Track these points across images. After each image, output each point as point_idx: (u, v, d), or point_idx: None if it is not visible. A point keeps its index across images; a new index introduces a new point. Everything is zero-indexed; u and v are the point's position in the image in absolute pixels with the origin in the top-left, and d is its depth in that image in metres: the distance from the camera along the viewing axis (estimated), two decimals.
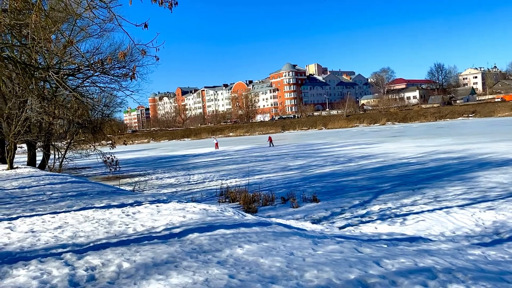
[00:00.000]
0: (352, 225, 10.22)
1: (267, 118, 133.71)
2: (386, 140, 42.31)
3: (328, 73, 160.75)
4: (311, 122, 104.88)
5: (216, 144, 53.27)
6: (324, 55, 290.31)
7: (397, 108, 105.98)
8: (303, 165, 24.79)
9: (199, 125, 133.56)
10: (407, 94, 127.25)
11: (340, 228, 9.78)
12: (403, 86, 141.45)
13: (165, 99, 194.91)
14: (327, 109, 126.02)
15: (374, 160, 24.39)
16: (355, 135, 59.17)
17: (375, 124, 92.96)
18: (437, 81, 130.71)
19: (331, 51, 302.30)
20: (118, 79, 19.93)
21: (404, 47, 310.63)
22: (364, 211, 11.71)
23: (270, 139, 49.51)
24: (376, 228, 9.78)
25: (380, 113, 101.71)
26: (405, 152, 27.95)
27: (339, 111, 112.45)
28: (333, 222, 10.65)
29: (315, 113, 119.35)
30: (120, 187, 16.62)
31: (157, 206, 8.90)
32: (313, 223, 10.22)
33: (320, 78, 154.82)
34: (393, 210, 11.59)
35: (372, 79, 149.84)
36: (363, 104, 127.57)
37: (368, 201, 13.07)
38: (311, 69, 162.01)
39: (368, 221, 10.61)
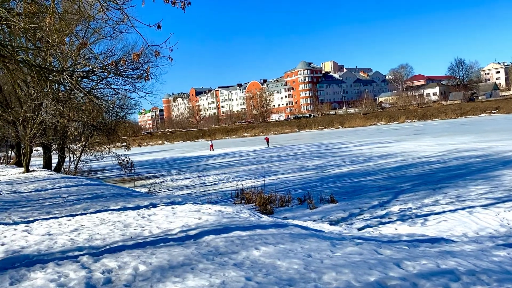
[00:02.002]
0: (371, 226, 10.15)
1: (282, 117, 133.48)
2: (406, 138, 41.85)
3: (345, 70, 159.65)
4: (327, 121, 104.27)
5: (211, 146, 56.09)
6: (340, 52, 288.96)
7: (417, 106, 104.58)
8: (320, 165, 24.69)
9: (214, 125, 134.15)
10: (426, 91, 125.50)
11: (359, 229, 9.71)
12: (422, 82, 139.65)
13: (179, 100, 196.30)
14: (344, 108, 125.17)
15: (393, 159, 24.17)
16: (373, 133, 58.66)
17: (394, 122, 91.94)
18: (458, 77, 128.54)
19: (347, 48, 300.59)
20: (132, 81, 20.20)
21: (423, 42, 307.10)
22: (383, 212, 11.61)
23: (267, 140, 52.49)
24: (396, 229, 9.69)
25: (399, 110, 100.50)
26: (425, 150, 27.59)
27: (356, 110, 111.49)
28: (352, 223, 10.60)
29: (332, 112, 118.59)
30: (135, 189, 16.81)
31: (173, 208, 8.98)
32: (331, 224, 10.18)
33: (336, 75, 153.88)
34: (413, 211, 11.47)
35: (390, 76, 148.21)
36: (381, 101, 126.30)
37: (387, 201, 12.96)
38: (327, 67, 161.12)
39: (388, 222, 10.52)
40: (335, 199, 13.49)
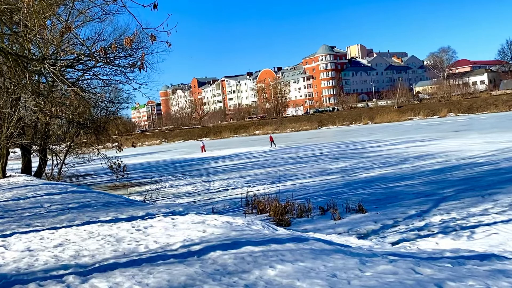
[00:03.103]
0: (407, 240, 10.10)
1: (300, 111, 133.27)
2: (448, 135, 41.49)
3: (374, 55, 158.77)
4: (354, 116, 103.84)
5: (203, 147, 57.40)
6: (369, 33, 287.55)
7: (461, 96, 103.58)
8: (346, 168, 24.62)
9: (220, 122, 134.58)
10: (472, 79, 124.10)
11: (393, 244, 9.67)
12: (467, 69, 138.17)
13: (179, 92, 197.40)
14: (374, 99, 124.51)
15: (433, 161, 24.00)
16: (409, 130, 58.25)
17: (434, 116, 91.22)
18: (511, 62, 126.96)
19: (377, 29, 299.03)
20: (124, 70, 20.29)
21: (468, 21, 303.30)
22: (422, 223, 11.55)
23: (271, 139, 53.68)
24: (437, 243, 9.64)
25: (440, 102, 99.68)
26: (471, 150, 27.32)
27: (388, 102, 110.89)
28: (384, 237, 10.56)
29: (359, 105, 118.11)
30: (129, 197, 16.93)
31: (172, 219, 9.02)
32: (359, 238, 10.14)
33: (364, 61, 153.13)
34: (458, 222, 11.39)
35: (429, 62, 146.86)
36: (418, 92, 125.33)
37: (426, 210, 12.88)
38: (353, 51, 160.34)
39: (428, 235, 10.47)
40: (364, 208, 13.43)
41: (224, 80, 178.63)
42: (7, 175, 21.35)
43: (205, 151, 55.41)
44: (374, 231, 11.25)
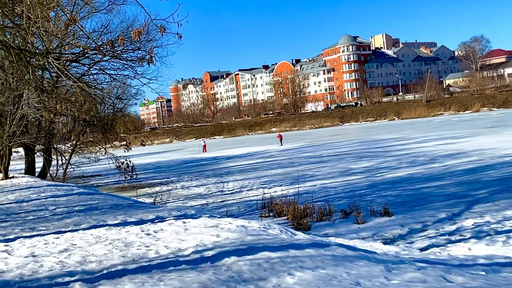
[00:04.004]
0: (437, 246, 10.04)
1: (320, 107, 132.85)
2: (482, 132, 40.99)
3: (401, 45, 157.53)
4: (379, 111, 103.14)
5: (204, 146, 57.56)
6: (395, 22, 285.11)
7: (495, 89, 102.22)
8: (370, 168, 24.52)
9: (234, 118, 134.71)
10: (508, 70, 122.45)
11: (422, 249, 9.62)
12: (502, 59, 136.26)
13: (190, 87, 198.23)
14: (400, 93, 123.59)
15: (466, 159, 23.77)
16: (438, 126, 57.72)
17: (466, 111, 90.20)
18: None
19: (403, 17, 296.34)
20: (133, 64, 20.44)
21: (502, 9, 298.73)
22: (453, 227, 11.46)
23: (280, 137, 54.60)
24: (470, 249, 9.57)
25: (472, 96, 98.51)
26: (507, 147, 26.96)
27: (416, 96, 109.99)
28: (412, 242, 10.51)
29: (384, 99, 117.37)
30: (138, 199, 17.06)
31: (184, 222, 9.07)
32: (385, 243, 10.10)
33: (390, 52, 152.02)
34: (492, 226, 11.28)
35: (460, 52, 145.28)
36: (448, 85, 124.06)
37: (458, 213, 12.78)
38: (378, 42, 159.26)
39: (459, 240, 10.39)
40: (390, 211, 13.36)
41: (238, 74, 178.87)
42: (9, 176, 21.66)
43: (206, 151, 55.80)
44: (401, 236, 11.19)
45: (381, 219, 12.83)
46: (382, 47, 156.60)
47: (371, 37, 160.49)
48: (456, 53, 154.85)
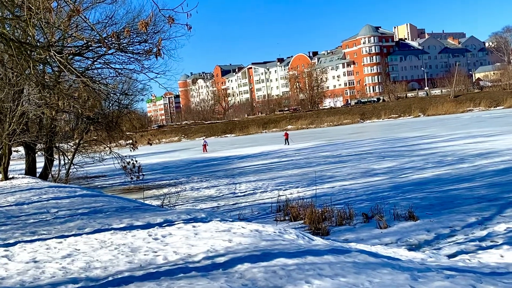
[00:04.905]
0: (467, 252, 9.97)
1: (339, 103, 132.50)
2: None
3: (427, 36, 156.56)
4: (403, 107, 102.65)
5: (204, 146, 58.20)
6: (420, 11, 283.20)
7: None
8: (393, 168, 24.43)
9: (246, 115, 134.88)
10: None
11: (450, 256, 9.57)
12: None
13: (200, 82, 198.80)
14: (426, 88, 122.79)
15: (498, 159, 23.60)
16: (468, 123, 57.29)
17: (497, 107, 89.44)
18: None
19: (429, 6, 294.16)
20: (139, 58, 20.55)
21: None
22: (484, 232, 11.39)
23: (286, 136, 55.32)
24: (502, 256, 9.47)
25: (504, 91, 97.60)
26: None
27: (443, 90, 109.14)
28: (439, 249, 10.44)
29: (409, 94, 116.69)
30: (145, 202, 17.14)
31: (194, 226, 9.10)
32: (410, 250, 10.07)
33: (415, 44, 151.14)
34: None
35: (491, 43, 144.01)
36: (478, 78, 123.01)
37: (489, 217, 12.69)
38: (402, 32, 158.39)
39: (490, 247, 10.30)
40: (415, 214, 13.29)
41: (251, 68, 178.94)
42: (9, 176, 21.86)
43: (206, 151, 56.20)
44: (427, 241, 11.13)
45: (406, 224, 12.77)
46: (406, 38, 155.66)
47: (395, 27, 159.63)
48: (486, 44, 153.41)
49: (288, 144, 52.24)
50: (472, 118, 69.64)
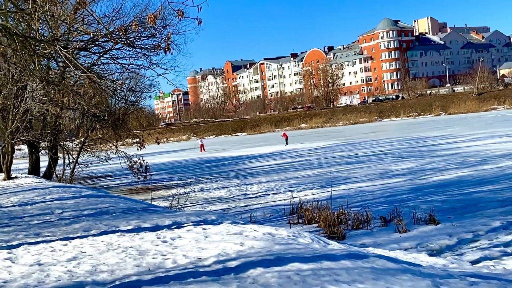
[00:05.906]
0: (491, 259, 9.92)
1: (356, 100, 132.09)
2: None
3: (449, 30, 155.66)
4: (423, 105, 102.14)
5: (202, 146, 58.74)
6: (442, 4, 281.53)
7: None
8: (413, 169, 24.35)
9: (258, 113, 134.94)
10: None
11: (473, 262, 9.53)
12: None
13: (210, 78, 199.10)
14: (448, 85, 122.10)
15: None
16: (492, 122, 56.88)
17: None
18: None
19: None
20: (147, 53, 20.65)
21: None
22: (509, 237, 11.34)
23: (285, 136, 55.91)
24: None
25: None
26: None
27: (466, 88, 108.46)
28: (462, 254, 10.41)
29: (430, 92, 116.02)
30: (153, 203, 17.20)
31: (204, 229, 9.11)
32: (431, 255, 10.01)
33: (436, 38, 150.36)
34: None
35: None
36: (503, 75, 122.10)
37: None
38: (422, 26, 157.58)
39: None
40: (436, 218, 13.23)
41: (263, 63, 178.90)
42: (12, 176, 22.01)
43: (204, 150, 56.61)
44: (449, 246, 11.09)
45: (426, 228, 12.72)
46: (427, 33, 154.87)
47: (415, 21, 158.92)
48: None
49: (287, 144, 52.88)
50: (496, 117, 69.13)
